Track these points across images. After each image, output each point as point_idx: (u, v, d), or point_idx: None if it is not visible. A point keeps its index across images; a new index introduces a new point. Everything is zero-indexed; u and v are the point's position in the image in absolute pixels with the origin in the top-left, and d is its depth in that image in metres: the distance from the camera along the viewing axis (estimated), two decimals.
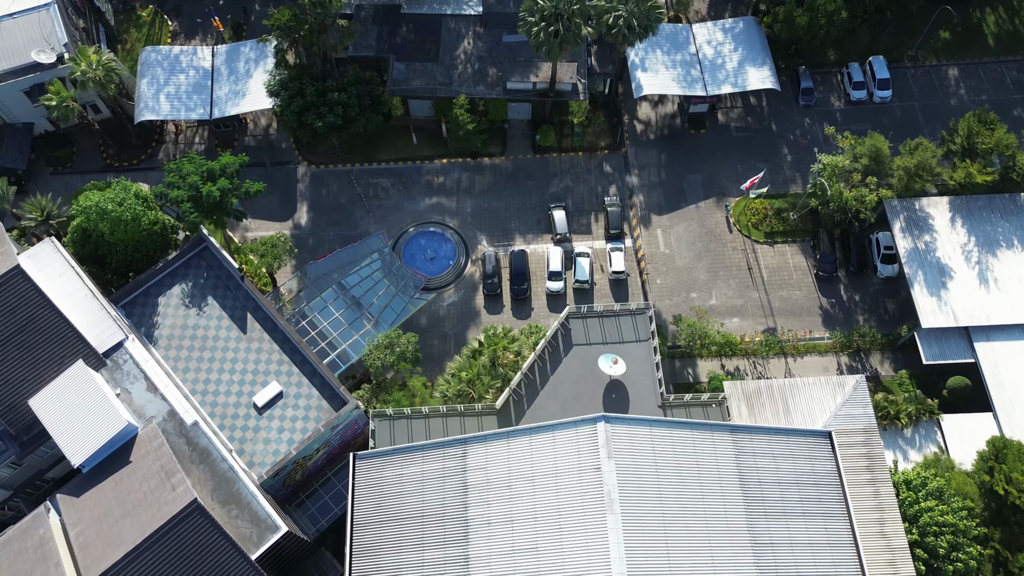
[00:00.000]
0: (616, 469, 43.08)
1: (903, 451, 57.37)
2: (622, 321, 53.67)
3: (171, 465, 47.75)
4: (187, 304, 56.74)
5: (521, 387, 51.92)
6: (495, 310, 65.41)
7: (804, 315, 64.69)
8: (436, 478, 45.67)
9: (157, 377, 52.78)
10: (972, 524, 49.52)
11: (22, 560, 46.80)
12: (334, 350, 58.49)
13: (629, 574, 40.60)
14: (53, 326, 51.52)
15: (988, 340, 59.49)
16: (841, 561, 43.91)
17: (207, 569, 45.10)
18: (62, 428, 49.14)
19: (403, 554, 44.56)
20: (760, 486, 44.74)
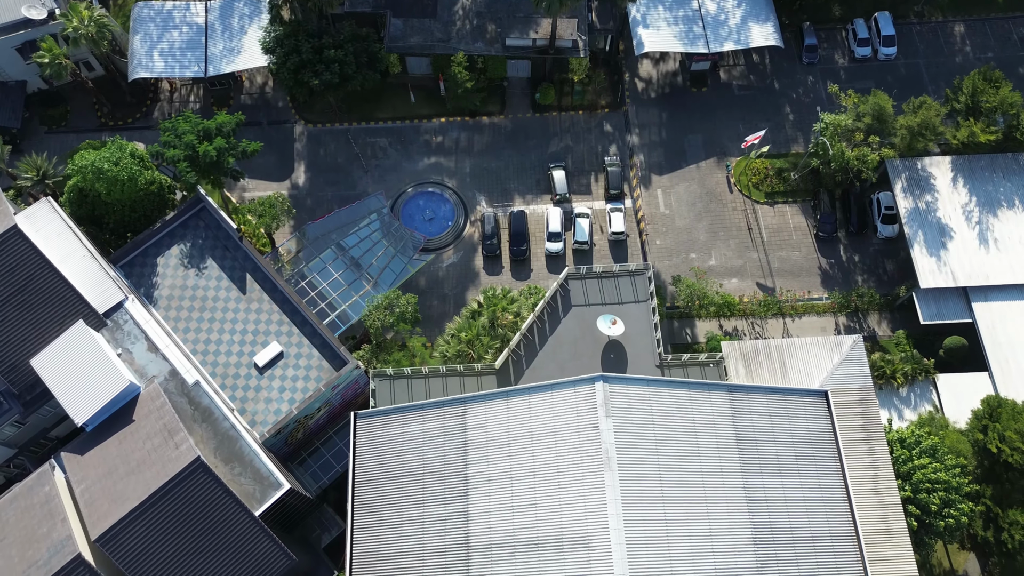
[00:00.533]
0: (614, 428, 43.63)
1: (898, 410, 58.03)
2: (621, 282, 53.76)
3: (174, 424, 48.31)
4: (186, 265, 56.75)
5: (520, 348, 52.26)
6: (494, 271, 65.47)
7: (803, 275, 64.79)
8: (436, 436, 46.27)
9: (158, 337, 53.07)
10: (964, 481, 50.32)
11: (29, 516, 47.64)
12: (334, 311, 58.69)
13: (626, 530, 41.44)
14: (52, 286, 51.61)
15: (986, 300, 59.72)
16: (834, 517, 44.75)
17: (211, 525, 45.96)
18: (64, 387, 49.60)
19: (404, 510, 45.36)
20: (756, 444, 45.36)
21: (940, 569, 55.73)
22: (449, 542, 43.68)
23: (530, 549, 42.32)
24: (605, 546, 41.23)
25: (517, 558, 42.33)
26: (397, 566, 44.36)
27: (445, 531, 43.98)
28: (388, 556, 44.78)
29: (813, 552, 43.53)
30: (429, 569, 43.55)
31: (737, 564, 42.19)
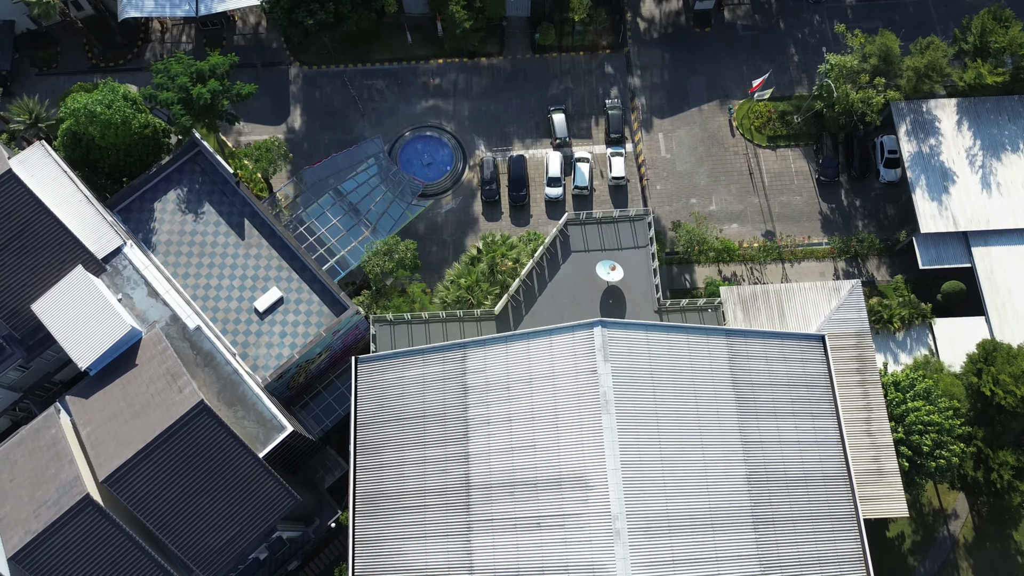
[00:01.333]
0: (612, 372, 44.26)
1: (894, 354, 58.72)
2: (621, 228, 53.73)
3: (176, 368, 48.91)
4: (183, 210, 56.57)
5: (519, 293, 52.55)
6: (493, 217, 65.31)
7: (803, 221, 64.70)
8: (436, 380, 46.94)
9: (158, 283, 53.27)
10: (957, 423, 51.28)
11: (37, 458, 48.60)
12: (333, 256, 58.79)
13: (623, 470, 42.43)
14: (50, 232, 51.53)
15: (986, 245, 59.82)
16: (827, 457, 45.77)
17: (216, 466, 46.93)
18: (66, 332, 50.02)
19: (405, 451, 46.34)
20: (752, 388, 46.07)
21: (930, 508, 57.25)
22: (449, 482, 44.77)
23: (529, 488, 43.41)
24: (602, 485, 42.30)
25: (516, 497, 43.46)
26: (399, 504, 45.56)
27: (446, 471, 45.02)
28: (390, 495, 45.93)
29: (805, 490, 44.67)
30: (430, 508, 44.73)
31: (731, 502, 43.34)
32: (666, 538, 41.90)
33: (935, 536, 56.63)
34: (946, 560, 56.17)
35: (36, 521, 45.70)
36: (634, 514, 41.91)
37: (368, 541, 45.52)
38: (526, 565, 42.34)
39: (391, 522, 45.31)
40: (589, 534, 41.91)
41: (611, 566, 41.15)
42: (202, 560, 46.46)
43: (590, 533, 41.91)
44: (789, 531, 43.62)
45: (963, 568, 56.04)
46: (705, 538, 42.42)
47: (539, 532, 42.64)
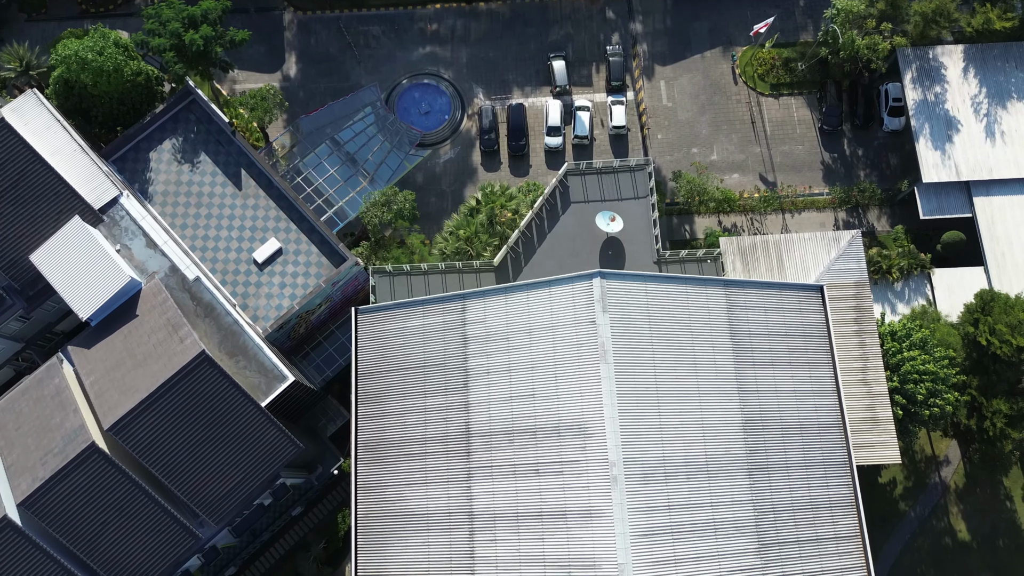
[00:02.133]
0: (610, 322, 44.63)
1: (892, 304, 59.12)
2: (621, 178, 53.47)
3: (177, 319, 49.23)
4: (179, 160, 56.16)
5: (519, 245, 52.58)
6: (492, 167, 64.90)
7: (805, 170, 64.35)
8: (437, 331, 47.35)
9: (156, 233, 53.23)
10: (952, 372, 51.92)
11: (41, 407, 49.30)
12: (331, 207, 58.58)
13: (620, 417, 43.14)
14: (45, 182, 51.28)
15: (988, 195, 59.66)
16: (822, 406, 46.50)
17: (219, 416, 47.63)
18: (66, 283, 50.20)
19: (406, 400, 47.01)
20: (750, 338, 46.52)
21: (922, 455, 58.38)
22: (450, 430, 45.57)
23: (528, 436, 44.22)
24: (600, 433, 43.08)
25: (516, 444, 44.29)
26: (400, 452, 46.44)
27: (446, 420, 45.78)
28: (391, 443, 46.78)
29: (800, 438, 45.50)
30: (431, 455, 45.62)
31: (727, 449, 44.20)
32: (662, 484, 42.87)
33: (927, 482, 57.87)
34: (937, 505, 57.52)
35: (43, 468, 46.60)
36: (631, 461, 42.81)
37: (370, 487, 46.53)
38: (525, 510, 43.42)
39: (392, 469, 46.26)
40: (587, 480, 42.86)
41: (608, 511, 42.21)
42: (207, 506, 47.54)
43: (587, 479, 42.85)
44: (783, 477, 44.59)
45: (953, 513, 57.42)
46: (701, 484, 43.39)
47: (538, 478, 43.61)
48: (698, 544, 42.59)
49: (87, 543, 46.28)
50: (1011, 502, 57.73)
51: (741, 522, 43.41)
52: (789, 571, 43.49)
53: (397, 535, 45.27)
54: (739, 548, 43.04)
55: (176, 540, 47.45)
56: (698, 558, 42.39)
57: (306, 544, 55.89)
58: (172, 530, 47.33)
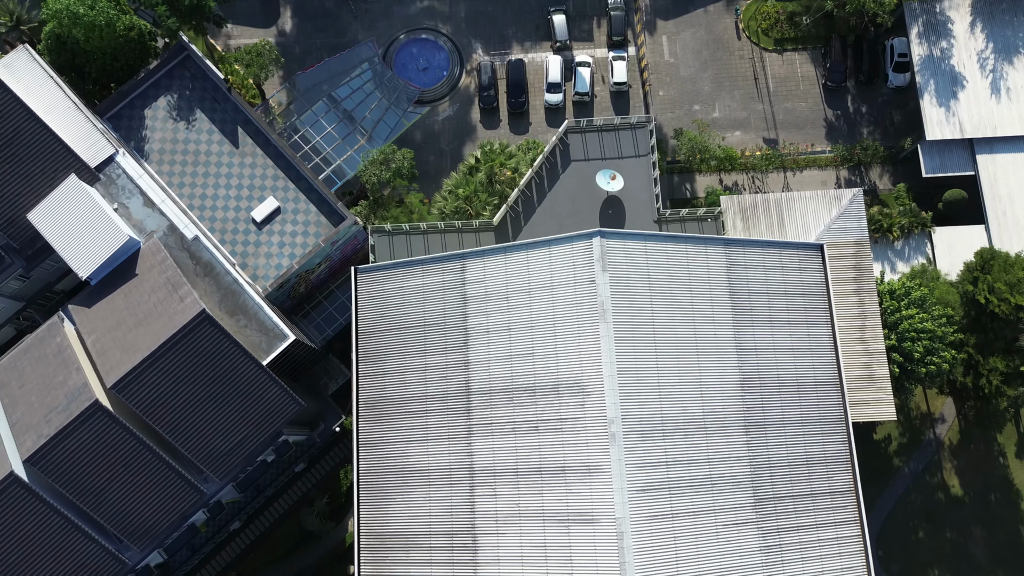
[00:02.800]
0: (610, 281, 44.83)
1: (892, 263, 59.28)
2: (621, 135, 53.12)
3: (176, 278, 49.40)
4: (175, 117, 55.69)
5: (518, 204, 52.48)
6: (492, 125, 64.36)
7: (808, 128, 63.86)
8: (436, 290, 47.57)
9: (153, 192, 53.08)
10: (949, 331, 52.30)
11: (44, 365, 49.78)
12: (328, 166, 58.28)
13: (619, 376, 43.64)
14: (40, 139, 50.97)
15: (991, 152, 59.35)
16: (820, 364, 46.99)
17: (221, 374, 48.11)
18: (64, 242, 50.26)
19: (406, 359, 47.47)
20: (749, 296, 46.79)
21: (918, 412, 59.17)
22: (450, 388, 46.11)
23: (527, 394, 44.78)
24: (598, 391, 43.63)
25: (515, 402, 44.86)
26: (401, 409, 47.06)
27: (446, 378, 46.29)
28: (392, 401, 47.37)
29: (797, 395, 46.09)
30: (431, 412, 46.24)
31: (724, 406, 44.83)
32: (659, 441, 43.56)
33: (921, 439, 58.76)
34: (931, 461, 58.50)
35: (48, 426, 47.25)
36: (629, 418, 43.43)
37: (372, 444, 47.26)
38: (524, 466, 44.19)
39: (394, 426, 46.93)
40: (585, 437, 43.53)
41: (606, 466, 42.97)
42: (211, 462, 48.34)
43: (586, 436, 43.52)
44: (779, 434, 45.29)
45: (947, 468, 58.43)
46: (697, 441, 44.09)
47: (537, 435, 44.29)
48: (694, 498, 43.46)
49: (93, 498, 47.18)
50: (1004, 458, 58.69)
51: (737, 477, 44.22)
52: (784, 524, 44.46)
53: (399, 490, 46.14)
54: (735, 502, 43.93)
55: (181, 495, 48.39)
56: (694, 512, 43.31)
57: (309, 499, 56.98)
58: (177, 485, 48.22)
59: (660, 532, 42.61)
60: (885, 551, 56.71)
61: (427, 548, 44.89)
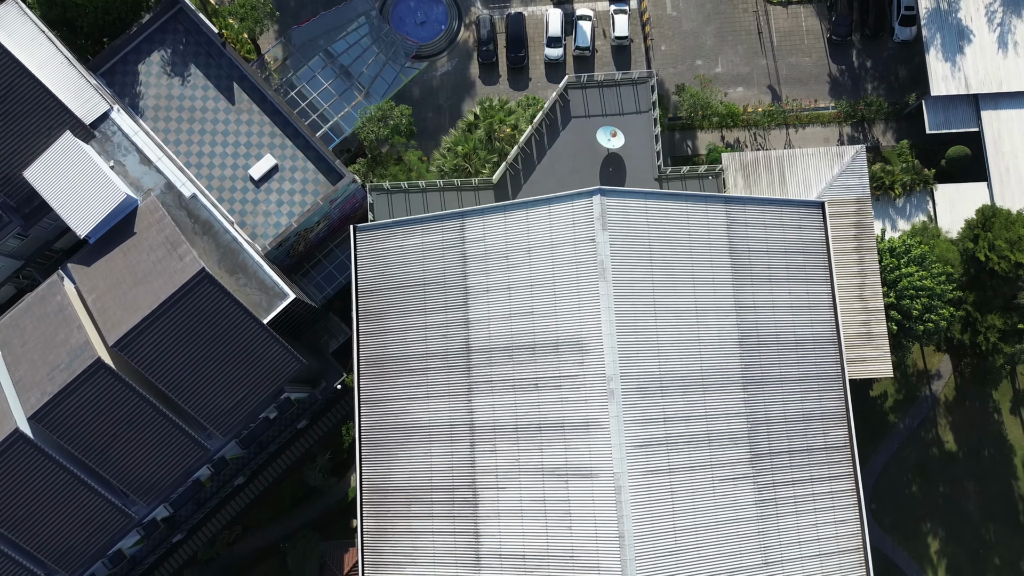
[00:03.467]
0: (610, 240, 44.83)
1: (893, 220, 59.20)
2: (623, 91, 52.55)
3: (175, 236, 49.39)
4: (169, 73, 55.00)
5: (518, 162, 52.16)
6: (491, 80, 63.59)
7: (811, 83, 63.14)
8: (436, 249, 47.59)
9: (149, 149, 52.74)
10: (948, 288, 52.48)
11: (45, 324, 50.08)
12: (326, 122, 57.79)
13: (618, 334, 43.96)
14: (34, 96, 50.46)
15: (996, 108, 58.81)
16: (818, 322, 47.30)
17: (222, 332, 48.45)
18: (61, 200, 50.11)
19: (406, 318, 47.74)
20: (749, 254, 46.84)
21: (914, 369, 59.74)
22: (450, 346, 46.47)
23: (527, 352, 45.16)
24: (598, 348, 43.99)
25: (515, 360, 45.27)
26: (402, 367, 47.50)
27: (446, 336, 46.62)
28: (393, 359, 47.78)
29: (795, 353, 46.50)
30: (432, 370, 46.69)
31: (722, 364, 45.26)
32: (658, 398, 44.08)
33: (917, 395, 59.43)
34: (926, 417, 59.27)
35: (51, 383, 47.76)
36: (628, 375, 43.88)
37: (373, 401, 47.82)
38: (524, 422, 44.80)
39: (395, 384, 47.42)
40: (584, 394, 44.04)
41: (605, 423, 43.57)
42: (214, 419, 49.02)
43: (585, 393, 44.02)
44: (777, 390, 45.81)
45: (941, 424, 59.23)
46: (695, 397, 44.62)
47: (537, 392, 44.80)
48: (692, 454, 44.15)
49: (98, 454, 47.95)
50: (999, 414, 59.44)
51: (734, 433, 44.87)
52: (779, 479, 45.26)
53: (400, 446, 46.84)
54: (731, 457, 44.65)
55: (185, 451, 49.18)
56: (691, 467, 44.04)
57: (312, 455, 57.89)
58: (181, 442, 48.99)
59: (657, 486, 43.41)
60: (878, 505, 57.83)
61: (428, 502, 45.77)
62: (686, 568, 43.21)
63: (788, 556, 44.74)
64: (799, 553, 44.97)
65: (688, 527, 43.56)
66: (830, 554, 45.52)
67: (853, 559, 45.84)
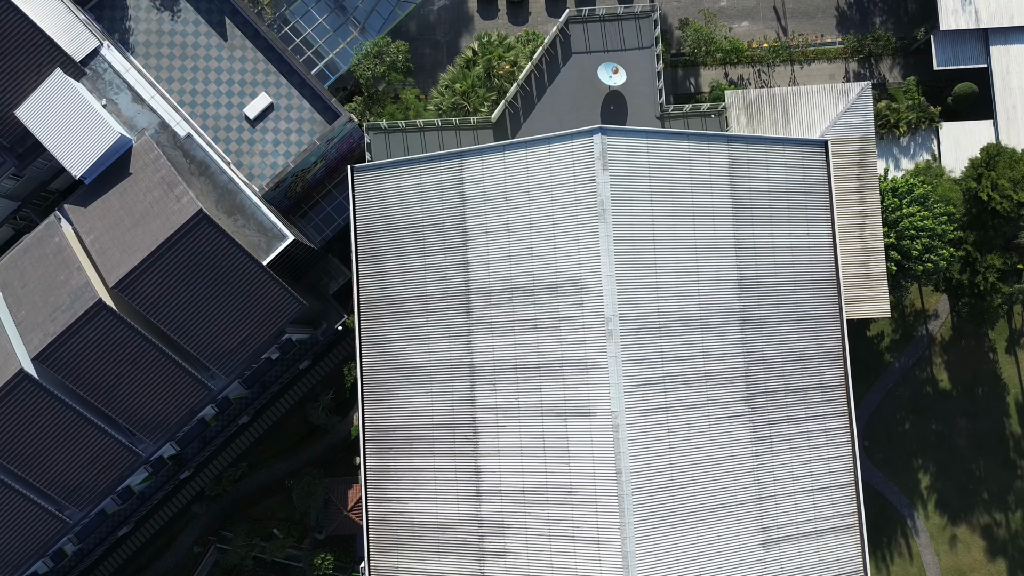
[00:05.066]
0: (610, 180, 44.68)
1: (896, 159, 58.88)
2: (624, 26, 51.49)
3: (171, 177, 49.18)
4: (159, 7, 53.84)
5: (517, 99, 51.50)
6: (490, 15, 62.19)
7: (819, 17, 61.81)
8: (434, 190, 47.46)
9: (142, 87, 52.06)
10: (950, 228, 52.57)
11: (44, 265, 50.34)
12: (321, 59, 56.88)
13: (617, 275, 44.27)
14: (21, 31, 49.54)
15: (1006, 43, 57.79)
16: (817, 262, 47.56)
17: (222, 274, 48.76)
18: (55, 140, 49.78)
19: (405, 260, 47.96)
20: (750, 194, 46.77)
21: (912, 308, 60.33)
22: (450, 287, 46.86)
23: (526, 293, 45.55)
24: (597, 289, 44.36)
25: (514, 301, 45.71)
26: (402, 309, 47.98)
27: (446, 278, 46.95)
28: (393, 300, 48.22)
29: (793, 293, 46.93)
30: (432, 311, 47.19)
31: (721, 304, 45.73)
32: (656, 338, 44.66)
33: (914, 335, 60.18)
34: (922, 356, 60.15)
35: (53, 324, 48.32)
36: (626, 316, 44.36)
37: (374, 342, 48.46)
38: (523, 362, 45.53)
39: (395, 325, 47.97)
40: (583, 334, 44.62)
41: (603, 363, 44.28)
42: (216, 359, 49.78)
43: (584, 333, 44.60)
44: (774, 331, 46.40)
45: (936, 364, 60.16)
46: (694, 338, 45.22)
47: (536, 333, 45.37)
48: (688, 393, 45.01)
49: (104, 394, 48.86)
50: (994, 353, 60.31)
51: (731, 373, 45.64)
52: (775, 417, 46.26)
53: (401, 386, 47.71)
54: (728, 396, 45.54)
55: (189, 391, 50.10)
56: (688, 406, 44.97)
57: (315, 395, 58.98)
58: (185, 382, 49.86)
59: (654, 424, 44.40)
60: (871, 441, 59.24)
61: (429, 440, 46.89)
62: (681, 502, 44.59)
63: (781, 491, 46.09)
64: (792, 488, 46.30)
65: (684, 464, 44.74)
66: (822, 489, 46.87)
67: (845, 493, 47.24)
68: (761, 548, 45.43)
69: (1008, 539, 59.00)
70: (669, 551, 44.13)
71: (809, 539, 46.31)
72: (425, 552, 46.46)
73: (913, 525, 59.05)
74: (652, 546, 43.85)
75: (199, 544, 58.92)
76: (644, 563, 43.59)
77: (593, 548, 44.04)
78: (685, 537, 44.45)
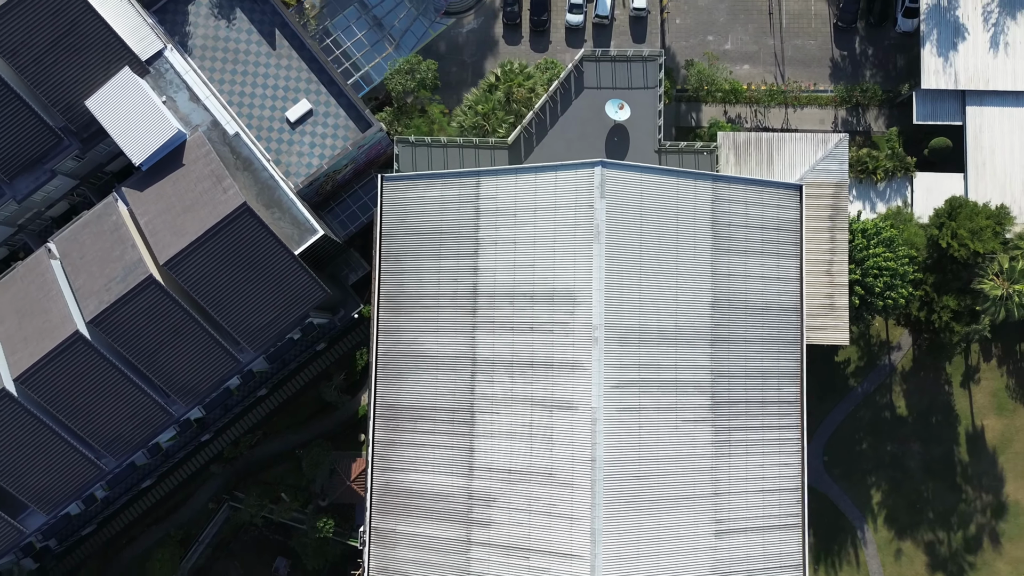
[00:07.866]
0: (606, 207, 54.00)
1: (872, 203, 67.94)
2: (633, 67, 60.68)
3: (220, 170, 58.32)
4: (216, 15, 62.74)
5: (532, 125, 60.67)
6: (514, 40, 71.20)
7: (814, 66, 70.89)
8: (453, 202, 56.82)
9: (198, 88, 61.09)
10: (911, 269, 61.63)
11: (101, 240, 59.52)
12: (357, 71, 65.90)
13: (606, 290, 53.62)
14: (96, 31, 58.27)
15: (980, 104, 66.78)
16: (785, 292, 56.89)
17: (258, 260, 57.77)
18: (119, 129, 58.51)
19: (422, 261, 57.33)
20: (729, 228, 56.08)
21: (877, 339, 69.50)
22: (459, 289, 56.25)
23: (526, 299, 54.99)
24: (587, 301, 53.87)
25: (515, 305, 55.13)
26: (416, 304, 57.37)
27: (457, 280, 56.32)
28: (408, 296, 57.62)
29: (761, 318, 56.28)
30: (442, 308, 56.60)
31: (694, 322, 55.14)
32: (635, 346, 54.11)
33: (877, 363, 69.36)
34: (883, 383, 69.31)
35: (107, 293, 57.54)
36: (611, 326, 53.83)
37: (389, 331, 57.87)
38: (519, 359, 54.97)
39: (409, 317, 57.36)
40: (572, 339, 54.10)
41: (587, 364, 53.77)
42: (247, 336, 58.98)
43: (573, 338, 54.09)
44: (741, 349, 55.75)
45: (896, 391, 69.33)
46: (669, 350, 54.64)
47: (532, 334, 54.81)
48: (661, 397, 54.47)
49: (147, 359, 58.06)
50: (949, 385, 69.44)
51: (700, 383, 55.04)
52: (735, 424, 55.65)
53: (410, 371, 57.12)
54: (695, 403, 54.98)
55: (221, 361, 59.31)
56: (659, 408, 54.41)
57: (328, 375, 68.20)
58: (218, 353, 59.05)
59: (628, 421, 53.88)
60: (831, 456, 68.44)
61: (431, 420, 56.34)
62: (647, 491, 54.05)
63: (736, 489, 55.49)
64: (745, 488, 55.71)
65: (651, 458, 54.19)
66: (772, 491, 56.27)
67: (792, 497, 56.63)
68: (714, 537, 54.81)
69: (948, 556, 68.21)
70: (633, 532, 53.58)
71: (757, 533, 55.68)
72: (420, 517, 55.93)
73: (863, 536, 68.23)
74: (618, 526, 53.33)
75: (214, 501, 68.10)
76: (610, 540, 53.02)
77: (566, 524, 53.52)
78: (648, 521, 53.88)
